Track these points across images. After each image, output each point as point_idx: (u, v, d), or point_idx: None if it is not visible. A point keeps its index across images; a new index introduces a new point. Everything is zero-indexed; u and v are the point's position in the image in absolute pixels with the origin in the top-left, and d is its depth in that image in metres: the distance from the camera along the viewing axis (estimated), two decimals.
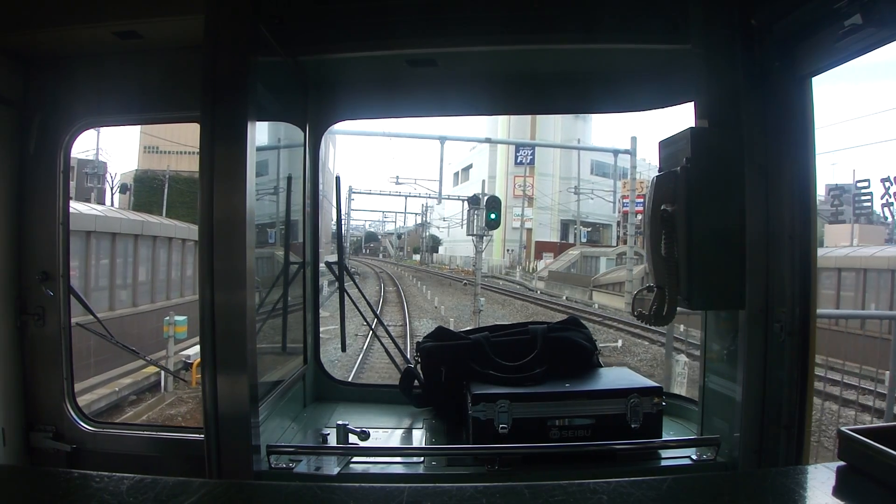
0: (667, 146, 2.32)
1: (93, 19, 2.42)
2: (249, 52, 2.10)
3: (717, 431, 2.33)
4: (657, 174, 2.28)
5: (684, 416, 2.78)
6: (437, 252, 76.94)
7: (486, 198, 19.02)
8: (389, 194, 52.88)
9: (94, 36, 2.52)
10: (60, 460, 2.65)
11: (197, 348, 12.47)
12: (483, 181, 31.86)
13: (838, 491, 1.23)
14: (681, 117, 3.01)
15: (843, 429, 1.30)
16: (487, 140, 35.92)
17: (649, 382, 2.46)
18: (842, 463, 1.29)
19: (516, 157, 57.21)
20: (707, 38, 2.26)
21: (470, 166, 65.68)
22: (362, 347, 15.77)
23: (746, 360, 2.16)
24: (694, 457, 2.32)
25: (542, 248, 55.05)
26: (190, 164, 41.01)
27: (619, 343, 17.67)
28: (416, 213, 72.94)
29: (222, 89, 2.06)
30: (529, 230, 55.57)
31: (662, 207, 2.18)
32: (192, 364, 12.33)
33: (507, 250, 56.90)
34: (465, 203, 22.64)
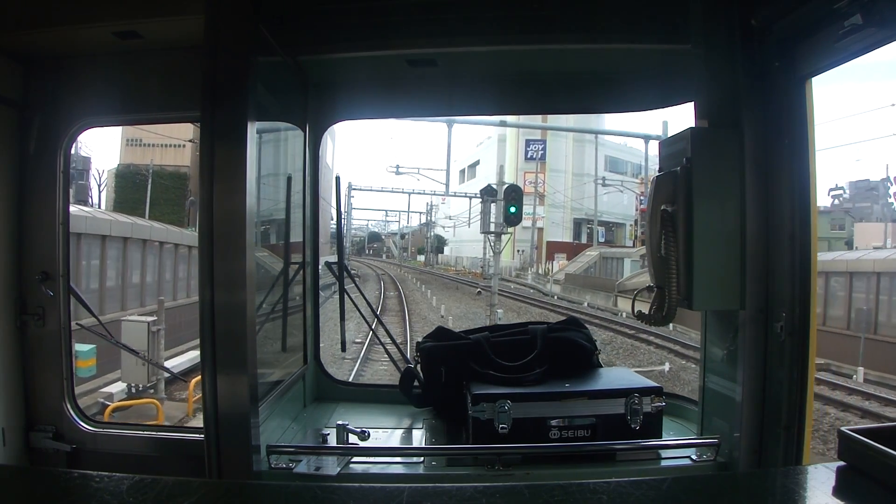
0: (667, 146, 2.32)
1: (93, 19, 2.42)
2: (249, 53, 2.10)
3: (717, 432, 2.33)
4: (657, 174, 2.28)
5: (684, 416, 2.78)
6: (442, 253, 74.12)
7: (504, 187, 16.34)
8: (392, 191, 48.72)
9: (93, 36, 2.52)
10: (60, 460, 2.65)
11: (122, 385, 10.20)
12: (501, 166, 28.09)
13: (838, 491, 1.23)
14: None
15: (843, 429, 1.30)
16: (503, 123, 33.01)
17: (649, 382, 2.46)
18: (842, 463, 1.28)
19: (526, 153, 53.41)
20: (707, 38, 2.27)
21: (477, 163, 61.72)
22: (351, 371, 12.99)
23: (746, 360, 2.16)
24: (694, 457, 2.32)
25: (554, 248, 51.45)
26: (175, 158, 38.46)
27: (667, 367, 14.42)
28: (420, 213, 69.98)
29: (222, 89, 2.06)
30: (541, 229, 51.40)
31: (662, 207, 2.18)
32: (107, 407, 9.30)
33: (518, 251, 52.51)
34: (479, 195, 19.91)
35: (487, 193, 18.05)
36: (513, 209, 14.75)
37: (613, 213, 52.00)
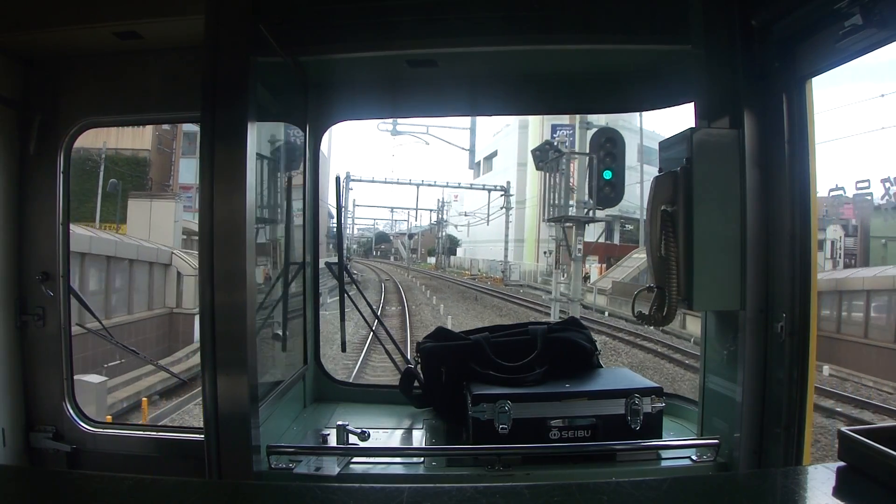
0: (667, 146, 2.32)
1: (93, 19, 2.43)
2: (249, 52, 2.10)
3: (717, 432, 2.33)
4: (657, 174, 2.28)
5: (684, 417, 2.78)
6: (454, 254, 68.84)
7: (591, 133, 9.78)
8: (398, 182, 43.04)
9: (94, 36, 2.53)
10: (60, 460, 2.65)
11: None
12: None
13: (838, 491, 1.23)
14: None
15: (843, 429, 1.30)
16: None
17: (649, 383, 2.46)
18: (842, 463, 1.28)
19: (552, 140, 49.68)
20: (707, 38, 2.27)
21: (494, 154, 56.61)
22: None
23: (746, 360, 2.16)
24: (694, 457, 2.32)
25: (584, 249, 46.37)
26: (134, 141, 32.49)
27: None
28: (430, 210, 64.58)
29: (222, 90, 2.06)
30: (569, 227, 47.10)
31: (662, 208, 2.18)
32: None
33: (544, 252, 45.06)
34: (532, 158, 13.33)
35: (547, 150, 10.87)
36: (609, 174, 8.56)
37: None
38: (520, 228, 47.82)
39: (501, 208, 42.92)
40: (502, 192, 43.04)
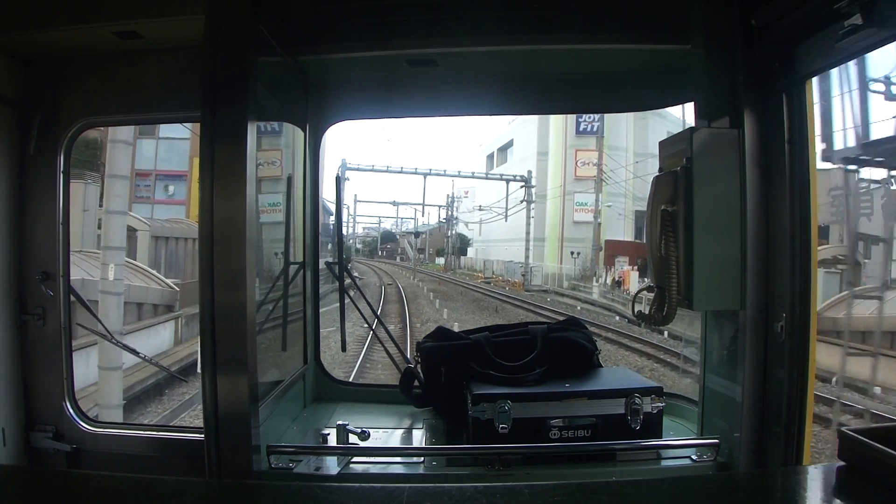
0: (667, 146, 2.33)
1: (93, 19, 2.43)
2: (249, 52, 2.10)
3: (717, 431, 2.33)
4: (657, 174, 2.29)
5: (684, 416, 2.78)
6: (465, 255, 62.52)
7: None
8: (401, 171, 37.58)
9: (93, 36, 2.53)
10: (60, 460, 2.65)
11: None
12: None
13: (838, 491, 1.23)
14: None
15: (843, 429, 1.30)
16: None
17: (649, 382, 2.46)
18: (842, 463, 1.29)
19: (578, 125, 42.46)
20: (707, 38, 2.27)
21: (510, 144, 51.31)
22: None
23: (746, 360, 2.16)
24: (694, 457, 2.32)
25: (614, 249, 37.55)
26: None
27: None
28: (438, 206, 58.21)
29: (222, 89, 2.06)
30: (599, 224, 38.21)
31: (662, 207, 2.19)
32: None
33: (571, 253, 39.53)
34: None
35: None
36: None
37: None
38: (540, 226, 42.90)
39: (521, 201, 38.10)
40: (523, 183, 38.25)
